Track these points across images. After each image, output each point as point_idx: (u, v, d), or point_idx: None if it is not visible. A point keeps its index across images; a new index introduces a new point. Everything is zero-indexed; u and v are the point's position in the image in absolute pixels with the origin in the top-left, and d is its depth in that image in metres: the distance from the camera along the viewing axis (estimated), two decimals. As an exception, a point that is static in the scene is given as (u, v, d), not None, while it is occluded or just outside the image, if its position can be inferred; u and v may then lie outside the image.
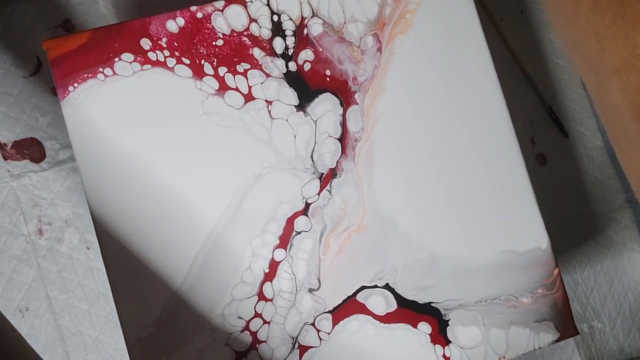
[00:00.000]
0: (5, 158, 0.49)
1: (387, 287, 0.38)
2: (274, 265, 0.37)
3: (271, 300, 0.37)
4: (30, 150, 0.49)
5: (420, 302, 0.38)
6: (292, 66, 0.38)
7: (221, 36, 0.38)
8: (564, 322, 0.39)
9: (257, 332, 0.36)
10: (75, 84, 0.36)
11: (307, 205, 0.38)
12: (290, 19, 0.38)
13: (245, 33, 0.38)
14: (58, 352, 0.48)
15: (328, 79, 0.39)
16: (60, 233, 0.49)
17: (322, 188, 0.38)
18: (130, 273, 0.36)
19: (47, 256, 0.49)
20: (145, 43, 0.37)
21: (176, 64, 0.37)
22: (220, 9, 0.38)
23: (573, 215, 0.56)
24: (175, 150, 0.37)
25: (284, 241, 0.37)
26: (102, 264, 0.49)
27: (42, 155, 0.49)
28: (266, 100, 0.38)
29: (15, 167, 0.49)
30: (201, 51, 0.37)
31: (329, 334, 0.37)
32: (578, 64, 0.44)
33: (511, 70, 0.56)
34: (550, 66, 0.57)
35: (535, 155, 0.56)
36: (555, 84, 0.57)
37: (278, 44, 0.38)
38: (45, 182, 0.49)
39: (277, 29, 0.38)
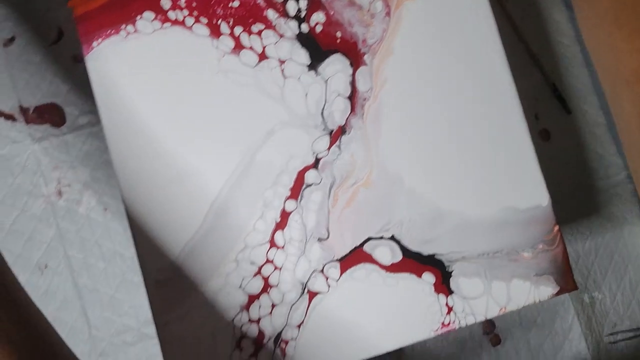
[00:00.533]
0: (27, 122, 0.51)
1: (392, 238, 0.39)
2: (285, 215, 0.39)
3: (282, 247, 0.38)
4: (51, 115, 0.51)
5: (424, 253, 0.39)
6: (305, 28, 0.40)
7: (237, -2, 0.40)
8: (564, 276, 0.40)
9: (268, 277, 0.38)
10: (100, 39, 0.38)
11: (317, 160, 0.39)
12: (303, -17, 0.40)
13: (260, -4, 0.40)
14: (75, 308, 0.50)
15: (339, 40, 0.40)
16: (78, 195, 0.51)
17: (331, 144, 0.40)
18: (150, 220, 0.37)
19: (65, 217, 0.51)
20: (165, 3, 0.39)
21: (194, 23, 0.39)
22: (237, -28, 0.40)
23: (575, 189, 0.57)
24: (193, 105, 0.39)
25: (295, 193, 0.39)
26: (119, 225, 0.51)
27: (63, 120, 0.51)
28: (279, 60, 0.40)
29: (36, 131, 0.51)
30: (218, 12, 0.39)
31: (336, 281, 0.38)
32: (599, 73, 0.46)
33: (516, 49, 0.57)
34: (555, 45, 0.58)
35: (539, 131, 0.57)
36: (559, 62, 0.58)
37: (291, 7, 0.40)
38: (65, 145, 0.51)
39: (291, -8, 0.40)
